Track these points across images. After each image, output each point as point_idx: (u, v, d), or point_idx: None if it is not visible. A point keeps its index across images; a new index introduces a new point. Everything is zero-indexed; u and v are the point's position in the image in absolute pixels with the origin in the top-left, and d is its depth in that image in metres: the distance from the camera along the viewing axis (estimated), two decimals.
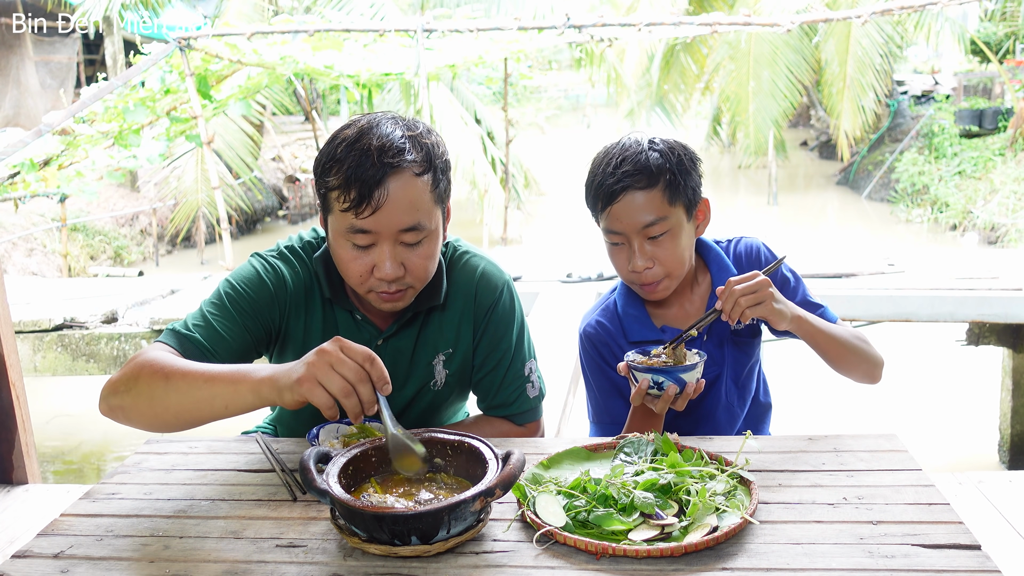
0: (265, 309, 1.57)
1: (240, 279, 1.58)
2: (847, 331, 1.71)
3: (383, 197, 1.40)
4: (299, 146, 17.15)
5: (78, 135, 7.57)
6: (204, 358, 1.47)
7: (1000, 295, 4.07)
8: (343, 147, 1.42)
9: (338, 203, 1.43)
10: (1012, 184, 11.64)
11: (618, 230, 1.65)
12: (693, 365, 1.53)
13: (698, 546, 1.12)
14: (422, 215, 1.45)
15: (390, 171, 1.40)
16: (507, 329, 1.68)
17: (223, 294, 1.56)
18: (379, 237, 1.44)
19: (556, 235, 12.27)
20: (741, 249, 1.81)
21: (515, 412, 1.71)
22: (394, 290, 1.49)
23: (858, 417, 5.31)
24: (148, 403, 1.36)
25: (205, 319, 1.53)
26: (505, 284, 1.69)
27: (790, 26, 7.25)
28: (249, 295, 1.56)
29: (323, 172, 1.45)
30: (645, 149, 1.64)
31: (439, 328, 1.66)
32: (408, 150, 1.42)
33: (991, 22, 16.08)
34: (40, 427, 5.19)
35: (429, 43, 7.27)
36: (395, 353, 1.64)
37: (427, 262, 1.50)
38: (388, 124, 1.45)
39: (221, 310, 1.54)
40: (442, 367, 1.67)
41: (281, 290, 1.59)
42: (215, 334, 1.51)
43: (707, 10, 13.48)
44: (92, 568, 1.16)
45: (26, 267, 9.86)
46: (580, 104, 32.84)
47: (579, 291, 4.68)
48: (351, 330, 1.63)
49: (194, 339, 1.49)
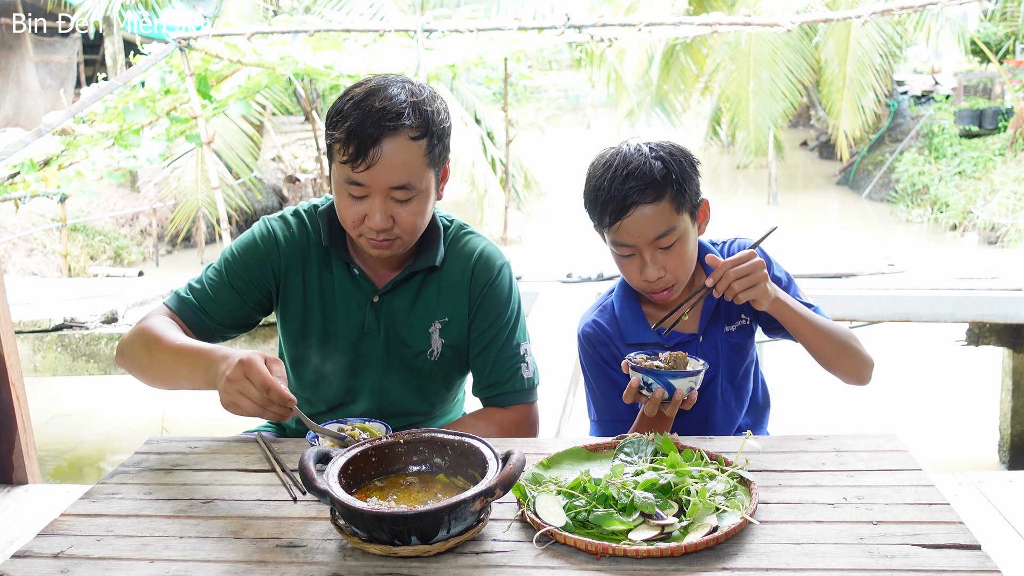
0: (255, 271, 1.69)
1: (238, 244, 1.73)
2: (835, 326, 1.70)
3: (377, 156, 1.50)
4: (299, 146, 17.14)
5: (78, 135, 7.57)
6: (197, 317, 1.68)
7: (1000, 295, 4.07)
8: (350, 104, 1.53)
9: (339, 155, 1.54)
10: (1012, 184, 11.64)
11: (629, 243, 1.65)
12: (690, 373, 1.53)
13: (698, 546, 1.12)
14: (413, 176, 1.54)
15: (386, 132, 1.50)
16: (503, 307, 1.73)
17: (223, 259, 1.72)
18: (371, 190, 1.54)
19: (556, 235, 12.25)
20: (735, 250, 1.81)
21: (509, 391, 1.73)
22: (382, 239, 1.58)
23: (858, 417, 5.31)
24: (139, 368, 1.62)
25: (201, 283, 1.71)
26: (504, 264, 1.76)
27: (790, 26, 7.24)
28: (240, 257, 1.70)
29: (330, 124, 1.55)
30: (648, 158, 1.63)
31: (436, 295, 1.71)
32: (407, 115, 1.51)
33: (991, 22, 16.08)
34: (40, 427, 5.19)
35: (429, 43, 7.27)
36: (391, 312, 1.70)
37: (415, 218, 1.59)
38: (395, 87, 1.55)
39: (216, 274, 1.71)
40: (438, 335, 1.72)
41: (272, 250, 1.70)
42: (206, 296, 1.69)
43: (707, 10, 13.46)
44: (92, 568, 1.16)
45: (26, 267, 9.86)
46: (580, 104, 32.82)
47: (579, 291, 4.67)
48: (347, 285, 1.70)
49: (189, 301, 1.69)
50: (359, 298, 1.69)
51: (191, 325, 1.67)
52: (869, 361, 1.72)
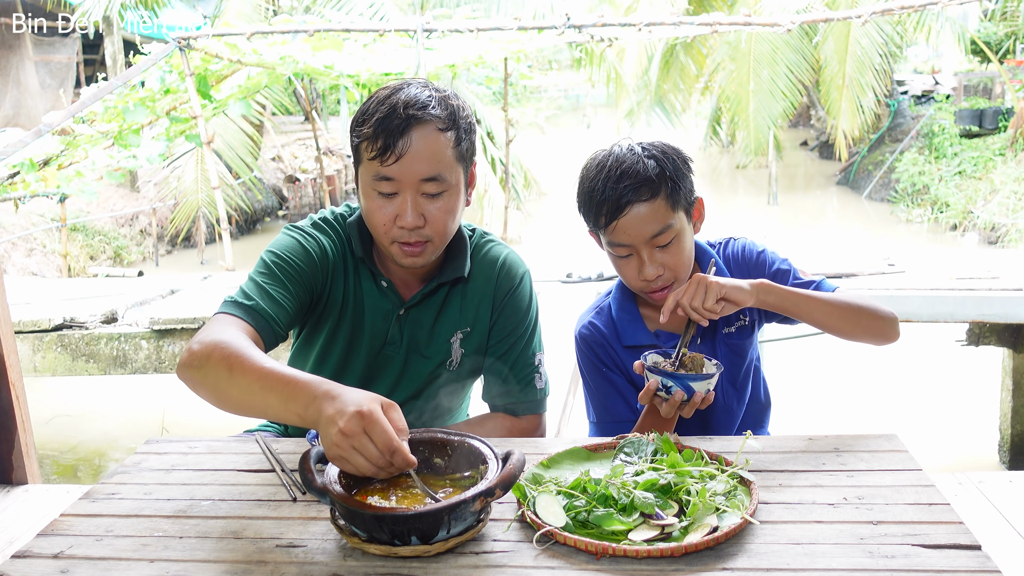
0: (310, 276, 1.62)
1: (284, 249, 1.62)
2: (840, 294, 1.67)
3: (407, 146, 1.49)
4: (299, 146, 17.14)
5: (78, 135, 7.58)
6: (269, 327, 1.53)
7: (1000, 295, 4.07)
8: (375, 103, 1.53)
9: (367, 152, 1.53)
10: (1012, 184, 11.64)
11: (625, 243, 1.65)
12: (706, 376, 1.53)
13: (698, 546, 1.12)
14: (443, 167, 1.53)
15: (414, 122, 1.50)
16: (523, 316, 1.73)
17: (271, 264, 1.60)
18: (402, 186, 1.52)
19: (556, 235, 12.25)
20: (730, 251, 1.82)
21: (521, 401, 1.73)
22: (414, 240, 1.55)
23: (858, 417, 5.31)
24: (213, 389, 1.38)
25: (262, 289, 1.56)
26: (525, 273, 1.76)
27: (790, 26, 7.24)
28: (296, 263, 1.61)
29: (356, 125, 1.55)
30: (641, 158, 1.63)
31: (460, 305, 1.70)
32: (433, 106, 1.52)
33: (991, 22, 16.08)
34: (40, 427, 5.19)
35: (429, 43, 7.27)
36: (415, 325, 1.69)
37: (446, 216, 1.56)
38: (417, 86, 1.56)
39: (274, 279, 1.58)
40: (459, 345, 1.71)
41: (323, 258, 1.65)
42: (275, 303, 1.55)
43: (707, 10, 13.47)
44: (92, 568, 1.16)
45: (26, 267, 9.86)
46: (580, 104, 32.82)
47: (579, 291, 4.67)
48: (375, 297, 1.68)
49: (259, 309, 1.53)
50: (385, 310, 1.68)
51: (264, 336, 1.53)
52: (890, 316, 1.66)
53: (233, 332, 1.44)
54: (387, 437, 1.14)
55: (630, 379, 1.77)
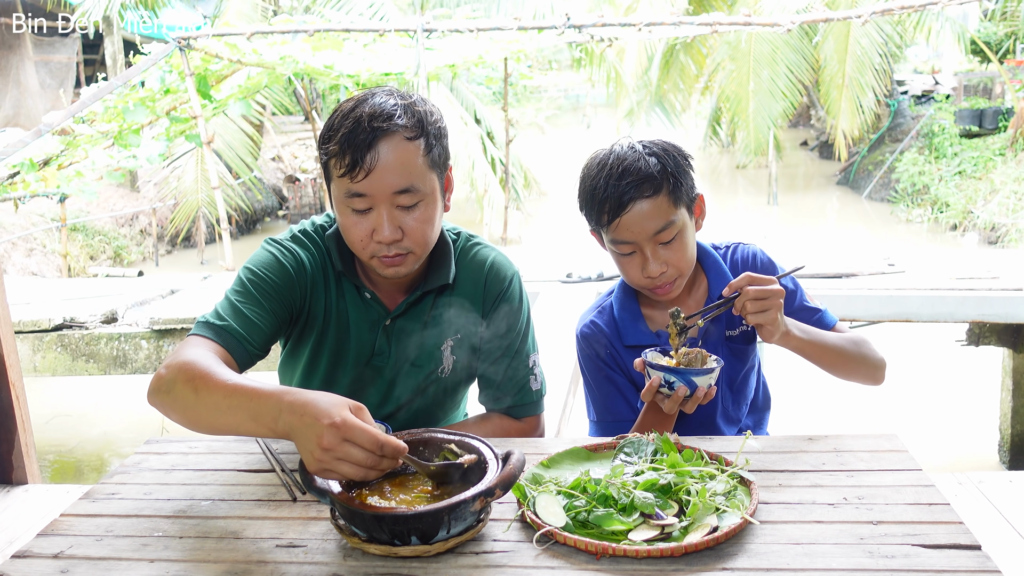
0: (287, 292, 1.60)
1: (260, 265, 1.60)
2: (843, 338, 1.71)
3: (375, 159, 1.45)
4: (299, 146, 17.15)
5: (78, 135, 7.58)
6: (241, 347, 1.51)
7: (1000, 295, 4.07)
8: (339, 118, 1.49)
9: (336, 169, 1.48)
10: (1012, 184, 11.64)
11: (629, 240, 1.64)
12: (708, 370, 1.52)
13: (698, 546, 1.12)
14: (415, 178, 1.49)
15: (381, 135, 1.45)
16: (515, 319, 1.70)
17: (247, 281, 1.58)
18: (375, 200, 1.48)
19: (556, 235, 12.26)
20: (738, 256, 1.81)
21: (518, 403, 1.72)
22: (394, 253, 1.52)
23: (858, 417, 5.31)
24: (183, 412, 1.38)
25: (235, 308, 1.55)
26: (514, 275, 1.72)
27: (790, 26, 7.25)
28: (272, 280, 1.58)
29: (323, 141, 1.51)
30: (642, 155, 1.63)
31: (447, 313, 1.67)
32: (399, 115, 1.47)
33: (991, 22, 16.08)
34: (40, 427, 5.19)
35: (429, 43, 7.27)
36: (402, 334, 1.66)
37: (424, 226, 1.52)
38: (382, 95, 1.51)
39: (248, 297, 1.56)
40: (450, 353, 1.69)
41: (301, 272, 1.62)
42: (247, 322, 1.53)
43: (707, 10, 13.47)
44: (92, 568, 1.16)
45: (26, 267, 9.86)
46: (580, 104, 32.83)
47: (579, 291, 4.67)
48: (359, 309, 1.65)
49: (230, 329, 1.51)
50: (371, 321, 1.65)
51: (236, 355, 1.51)
52: (881, 363, 1.74)
53: (200, 353, 1.43)
54: (370, 435, 1.15)
55: (631, 378, 1.77)
